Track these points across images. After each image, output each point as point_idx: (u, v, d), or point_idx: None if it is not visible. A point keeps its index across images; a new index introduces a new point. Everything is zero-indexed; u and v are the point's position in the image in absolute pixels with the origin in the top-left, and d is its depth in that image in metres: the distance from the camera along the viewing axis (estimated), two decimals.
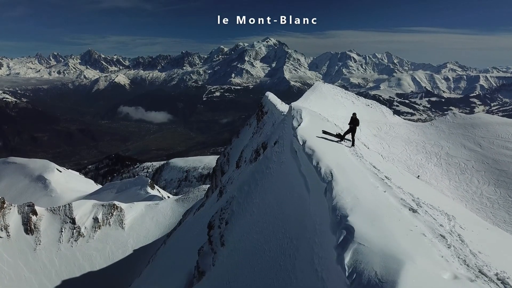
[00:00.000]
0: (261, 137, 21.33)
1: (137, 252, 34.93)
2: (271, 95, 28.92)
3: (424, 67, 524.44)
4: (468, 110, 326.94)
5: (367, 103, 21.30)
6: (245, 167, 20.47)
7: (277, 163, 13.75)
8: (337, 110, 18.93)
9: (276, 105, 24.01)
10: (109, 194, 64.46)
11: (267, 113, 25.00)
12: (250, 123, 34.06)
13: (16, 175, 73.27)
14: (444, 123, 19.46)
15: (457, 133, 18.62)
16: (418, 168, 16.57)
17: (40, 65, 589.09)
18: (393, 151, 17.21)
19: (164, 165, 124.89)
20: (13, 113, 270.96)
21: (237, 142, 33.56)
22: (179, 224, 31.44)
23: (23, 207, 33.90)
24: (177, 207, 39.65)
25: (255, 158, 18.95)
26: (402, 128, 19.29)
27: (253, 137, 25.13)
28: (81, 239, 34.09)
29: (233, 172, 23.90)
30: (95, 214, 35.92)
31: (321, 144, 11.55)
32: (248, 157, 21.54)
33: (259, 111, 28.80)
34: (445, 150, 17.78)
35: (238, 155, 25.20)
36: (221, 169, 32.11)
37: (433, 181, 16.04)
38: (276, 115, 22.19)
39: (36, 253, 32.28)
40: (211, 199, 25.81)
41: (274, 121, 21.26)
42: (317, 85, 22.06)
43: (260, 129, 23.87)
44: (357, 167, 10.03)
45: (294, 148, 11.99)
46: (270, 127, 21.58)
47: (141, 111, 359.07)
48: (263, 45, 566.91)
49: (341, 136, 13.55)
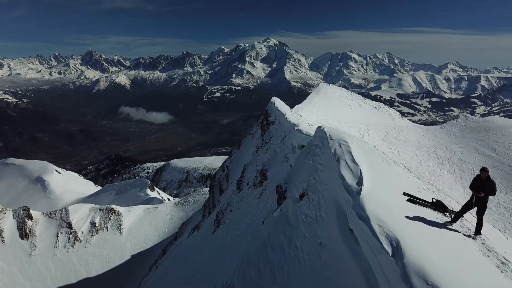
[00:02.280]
0: (268, 154, 18.30)
1: (135, 258, 34.06)
2: (278, 101, 24.89)
3: (425, 67, 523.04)
4: (469, 111, 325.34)
5: (374, 106, 20.31)
6: (248, 193, 17.21)
7: (310, 240, 7.96)
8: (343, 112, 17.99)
9: (285, 115, 20.27)
10: (109, 196, 63.68)
11: (274, 124, 21.35)
12: (252, 132, 29.42)
13: (14, 176, 72.64)
14: (455, 127, 18.52)
15: (470, 137, 17.67)
16: (430, 175, 15.63)
17: (41, 65, 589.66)
18: (403, 156, 16.28)
19: (165, 165, 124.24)
20: (13, 114, 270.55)
21: (238, 154, 29.37)
22: (175, 238, 29.99)
23: (18, 211, 33.06)
24: (177, 211, 38.77)
25: (260, 182, 16.29)
26: (411, 132, 18.36)
27: (257, 152, 21.38)
28: (78, 244, 33.22)
29: (232, 195, 20.66)
30: (92, 218, 35.07)
31: (411, 227, 5.98)
32: (251, 178, 18.60)
33: (264, 120, 24.75)
34: (457, 155, 16.84)
35: (240, 172, 22.01)
36: (219, 186, 28.47)
37: (446, 189, 15.10)
38: (286, 127, 18.52)
39: (31, 258, 31.42)
40: (207, 225, 22.21)
41: (284, 136, 17.80)
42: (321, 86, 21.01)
43: (266, 143, 20.40)
44: None
45: (353, 228, 6.57)
46: (278, 142, 18.20)
47: (141, 111, 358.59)
48: (264, 46, 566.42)
49: (443, 207, 7.81)
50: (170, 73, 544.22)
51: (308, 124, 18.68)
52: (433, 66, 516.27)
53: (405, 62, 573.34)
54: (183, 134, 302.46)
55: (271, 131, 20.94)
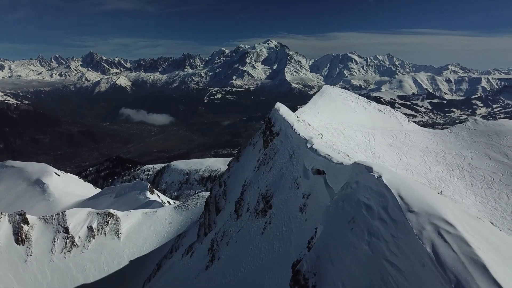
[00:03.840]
0: (272, 174, 15.61)
1: (134, 263, 33.33)
2: (283, 107, 22.00)
3: (425, 68, 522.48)
4: (470, 112, 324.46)
5: (379, 109, 19.52)
6: (249, 222, 14.81)
7: None
8: (347, 116, 17.24)
9: (292, 126, 17.68)
10: (108, 198, 63.07)
11: (279, 135, 18.68)
12: (253, 142, 26.10)
13: (13, 179, 72.17)
14: (464, 131, 17.79)
15: (480, 142, 16.95)
16: (439, 182, 14.91)
17: (42, 67, 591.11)
18: (410, 162, 15.57)
19: (165, 167, 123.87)
20: (14, 115, 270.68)
21: (237, 167, 26.00)
22: (171, 251, 28.83)
23: (14, 216, 32.38)
24: (176, 215, 38.06)
25: (264, 211, 13.97)
26: (418, 136, 17.64)
27: (259, 169, 18.42)
28: (75, 250, 32.51)
29: (230, 220, 17.89)
30: (89, 222, 34.37)
31: None
32: (252, 203, 15.80)
33: (267, 130, 21.82)
34: (467, 160, 16.12)
35: (239, 191, 19.36)
36: (216, 203, 25.52)
37: (457, 197, 14.38)
38: (295, 141, 15.96)
39: (27, 264, 30.72)
40: (200, 253, 19.76)
41: (292, 153, 15.25)
42: (325, 89, 20.22)
43: (270, 159, 17.47)
44: None
45: None
46: (285, 160, 15.60)
47: (142, 113, 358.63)
48: (264, 47, 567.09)
49: None
50: (170, 74, 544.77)
51: (319, 135, 16.45)
52: (434, 67, 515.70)
53: (405, 63, 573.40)
54: (184, 136, 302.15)
55: (276, 144, 18.12)
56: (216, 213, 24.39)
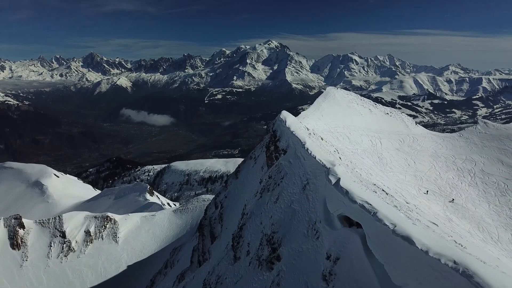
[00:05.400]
0: (279, 208, 12.44)
1: (132, 268, 32.62)
2: (290, 118, 18.43)
3: (426, 69, 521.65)
4: (470, 113, 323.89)
5: (386, 111, 18.76)
6: (249, 272, 11.92)
7: None
8: (352, 119, 16.48)
9: (304, 143, 14.36)
10: (107, 200, 62.55)
11: (287, 153, 15.62)
12: (255, 156, 22.46)
13: (12, 180, 71.81)
14: (474, 134, 17.04)
15: (492, 146, 16.19)
16: (451, 189, 14.16)
17: (43, 68, 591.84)
18: (419, 168, 14.82)
19: (165, 168, 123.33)
20: (15, 116, 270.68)
21: (236, 186, 22.63)
22: (165, 267, 27.78)
23: (10, 219, 31.71)
24: (175, 219, 37.34)
25: (270, 262, 10.89)
26: (427, 140, 16.90)
27: (262, 196, 14.82)
28: (72, 254, 31.82)
29: (225, 261, 14.86)
30: (87, 226, 33.67)
31: None
32: (254, 245, 12.73)
33: (271, 144, 18.53)
34: (479, 166, 15.37)
35: (237, 220, 16.46)
36: (210, 228, 22.56)
37: (469, 205, 13.61)
38: (309, 166, 12.67)
39: (22, 269, 30.04)
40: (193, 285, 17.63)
41: (306, 182, 11.99)
42: (329, 91, 19.42)
43: (276, 185, 14.01)
44: None
45: None
46: (297, 190, 12.30)
47: (143, 113, 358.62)
48: (265, 48, 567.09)
49: None
50: (171, 75, 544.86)
51: (335, 152, 13.71)
52: (435, 68, 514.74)
53: (406, 64, 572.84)
54: (184, 136, 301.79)
55: (283, 164, 14.76)
56: (211, 239, 21.54)
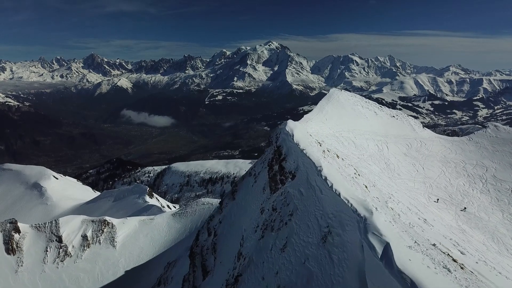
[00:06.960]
0: (288, 262, 9.44)
1: (129, 273, 31.91)
2: (298, 131, 15.80)
3: (427, 70, 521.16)
4: (471, 114, 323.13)
5: (391, 114, 18.01)
6: None
7: None
8: (358, 122, 15.77)
9: (320, 169, 11.53)
10: (106, 202, 61.94)
11: (295, 178, 12.64)
12: (255, 173, 19.01)
13: (11, 182, 71.23)
14: (485, 138, 16.31)
15: (503, 151, 15.46)
16: (462, 197, 13.41)
17: (43, 69, 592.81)
18: (428, 174, 14.09)
19: (166, 169, 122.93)
20: (15, 117, 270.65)
21: (232, 209, 19.77)
22: (158, 284, 26.79)
23: (5, 224, 31.04)
24: (174, 223, 36.64)
25: None
26: (435, 145, 16.18)
27: (263, 236, 12.10)
28: (68, 259, 31.14)
29: None
30: (84, 231, 32.99)
31: None
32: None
33: (275, 162, 15.32)
34: (491, 172, 14.63)
35: (233, 256, 13.95)
36: (202, 259, 19.70)
37: (482, 214, 12.88)
38: (328, 204, 9.80)
39: (17, 275, 29.37)
40: None
41: (328, 231, 8.96)
42: (332, 92, 18.63)
43: (282, 224, 11.09)
44: None
45: None
46: (314, 241, 9.14)
47: (143, 115, 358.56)
48: (265, 49, 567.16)
49: None
50: (172, 76, 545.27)
51: (372, 186, 11.31)
52: (435, 68, 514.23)
53: (407, 64, 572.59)
54: (185, 137, 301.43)
55: (291, 194, 11.61)
56: (202, 274, 18.63)
